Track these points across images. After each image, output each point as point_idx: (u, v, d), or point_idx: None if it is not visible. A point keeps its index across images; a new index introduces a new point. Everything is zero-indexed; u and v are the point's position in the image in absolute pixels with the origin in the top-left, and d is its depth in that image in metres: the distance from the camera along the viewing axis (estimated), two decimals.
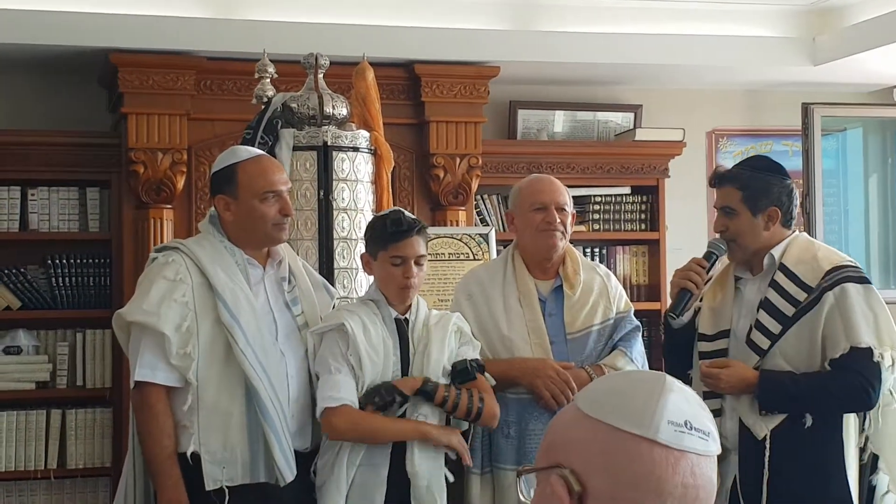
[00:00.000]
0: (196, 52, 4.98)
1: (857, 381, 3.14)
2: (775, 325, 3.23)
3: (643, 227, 5.80)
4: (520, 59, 5.29)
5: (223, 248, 3.28)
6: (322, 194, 3.69)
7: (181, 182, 4.98)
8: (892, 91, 6.12)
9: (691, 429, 1.34)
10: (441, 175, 5.23)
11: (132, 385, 3.19)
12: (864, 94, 6.21)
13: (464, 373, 3.27)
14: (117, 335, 3.31)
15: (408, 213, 3.36)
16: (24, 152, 5.01)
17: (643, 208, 5.80)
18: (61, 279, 5.09)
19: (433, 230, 4.37)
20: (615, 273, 4.91)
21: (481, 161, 5.29)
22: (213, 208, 3.36)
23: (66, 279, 5.10)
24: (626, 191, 5.79)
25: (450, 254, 4.77)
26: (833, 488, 3.19)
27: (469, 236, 4.91)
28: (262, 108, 3.86)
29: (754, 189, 3.28)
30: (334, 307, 3.45)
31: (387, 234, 3.25)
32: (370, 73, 3.95)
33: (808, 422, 3.18)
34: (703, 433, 1.35)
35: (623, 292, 3.64)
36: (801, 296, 3.22)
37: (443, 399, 3.21)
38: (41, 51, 4.95)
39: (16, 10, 4.74)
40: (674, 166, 5.77)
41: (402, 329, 3.29)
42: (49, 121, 5.27)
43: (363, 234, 3.45)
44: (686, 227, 5.79)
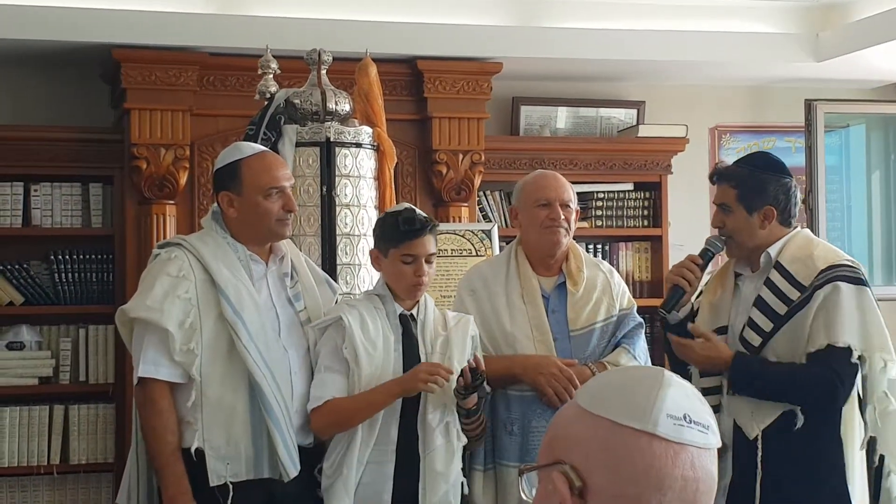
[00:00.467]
0: (199, 48, 4.98)
1: (827, 374, 3.12)
2: (767, 324, 3.23)
3: (646, 223, 5.80)
4: (522, 55, 5.28)
5: (226, 244, 3.29)
6: (325, 190, 3.69)
7: (184, 178, 4.98)
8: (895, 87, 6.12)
9: (690, 422, 1.35)
10: (444, 171, 5.23)
11: (135, 381, 3.20)
12: (868, 91, 6.20)
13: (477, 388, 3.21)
14: (120, 331, 3.31)
15: (419, 211, 3.35)
16: (27, 148, 5.01)
17: (646, 205, 5.79)
18: (64, 275, 5.09)
19: None
20: (618, 269, 4.90)
21: (484, 157, 5.29)
22: (216, 204, 3.36)
23: (69, 275, 5.10)
24: (629, 187, 5.79)
25: (452, 250, 4.76)
26: (827, 489, 3.17)
27: (472, 232, 4.91)
28: (265, 104, 3.86)
29: (749, 188, 3.28)
30: (337, 303, 3.45)
31: (399, 232, 3.23)
32: (373, 69, 3.95)
33: (800, 422, 3.16)
34: (703, 426, 1.36)
35: (626, 289, 3.64)
36: (794, 294, 3.20)
37: (475, 407, 3.21)
38: (44, 46, 4.95)
39: (18, 6, 4.74)
40: (676, 163, 5.76)
41: (406, 325, 3.29)
42: (52, 116, 5.27)
43: (373, 230, 3.45)
44: (688, 224, 5.78)
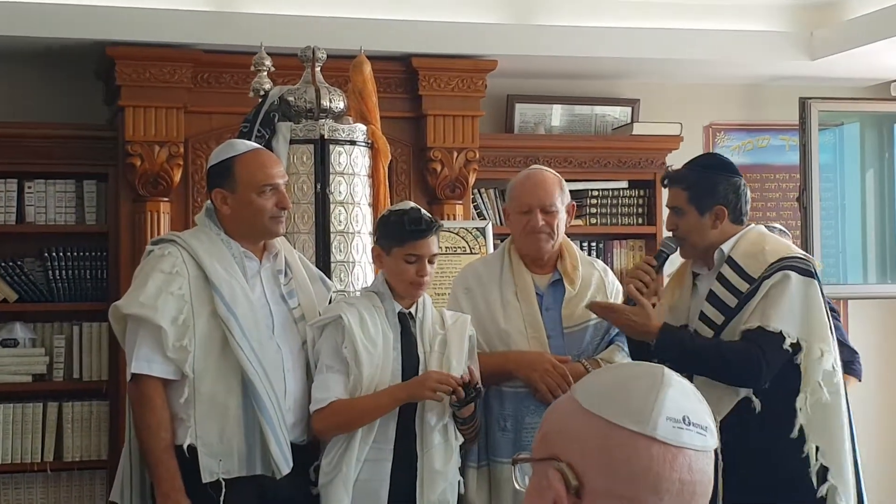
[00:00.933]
0: (193, 45, 4.97)
1: (753, 352, 3.17)
2: (718, 317, 3.28)
3: (640, 221, 5.79)
4: (517, 52, 5.28)
5: (219, 240, 3.28)
6: (319, 188, 3.69)
7: (178, 175, 4.97)
8: (890, 86, 6.11)
9: (689, 424, 1.33)
10: (438, 169, 5.22)
11: (129, 377, 3.20)
12: (862, 89, 6.21)
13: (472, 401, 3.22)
14: (114, 328, 3.31)
15: (425, 211, 3.35)
16: (21, 145, 5.00)
17: (640, 202, 5.79)
18: (58, 272, 5.08)
19: None
20: (612, 267, 4.91)
21: (478, 155, 5.29)
22: (210, 202, 3.35)
23: (63, 272, 5.09)
24: (624, 185, 5.79)
25: (447, 247, 4.76)
26: (784, 473, 3.21)
27: (466, 230, 4.91)
28: (259, 101, 3.85)
29: (700, 189, 3.34)
30: (331, 300, 3.45)
31: (405, 231, 3.23)
32: (367, 67, 3.95)
33: (758, 407, 3.19)
34: (701, 428, 1.34)
35: (620, 287, 3.63)
36: (743, 287, 3.26)
37: (470, 415, 3.21)
38: (37, 43, 4.94)
39: (11, 2, 4.72)
40: (671, 161, 5.75)
41: (405, 323, 3.29)
42: (45, 113, 5.26)
43: (375, 226, 3.44)
44: None
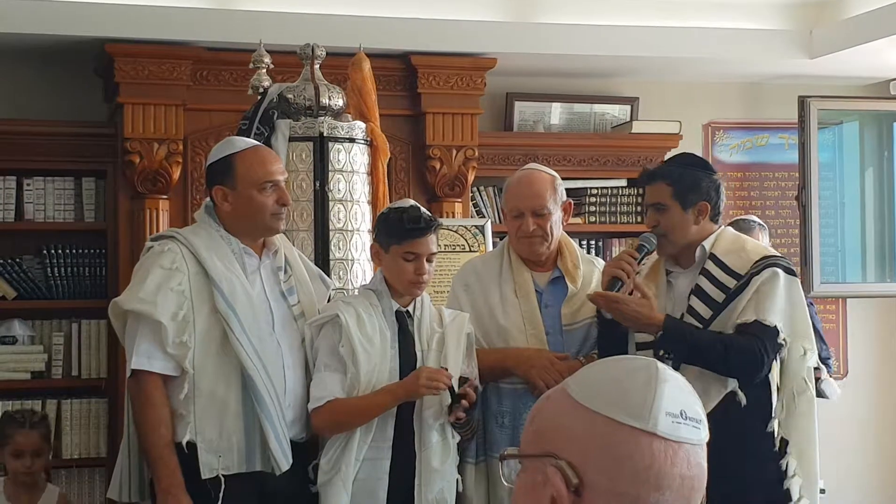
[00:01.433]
0: (192, 43, 4.96)
1: (755, 344, 3.21)
2: (706, 311, 3.31)
3: (639, 219, 5.77)
4: (516, 50, 5.28)
5: (219, 237, 3.29)
6: (318, 185, 3.69)
7: (177, 172, 4.97)
8: (889, 84, 6.11)
9: (686, 418, 1.33)
10: (437, 167, 5.22)
11: (128, 373, 3.20)
12: (861, 88, 6.21)
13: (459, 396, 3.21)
14: (113, 324, 3.31)
15: (424, 209, 3.35)
16: (20, 142, 4.99)
17: (639, 201, 5.77)
18: (57, 269, 5.08)
19: None
20: None
21: (477, 153, 5.28)
22: (209, 198, 3.35)
23: (62, 269, 5.08)
24: (623, 183, 5.78)
25: (446, 245, 4.75)
26: (760, 468, 3.24)
27: (465, 228, 4.91)
28: (259, 98, 3.85)
29: (684, 184, 3.37)
30: (330, 298, 3.45)
31: (404, 229, 3.23)
32: (366, 64, 3.95)
33: (743, 400, 3.22)
34: (696, 421, 1.35)
35: None
36: (730, 283, 3.30)
37: (467, 419, 3.20)
38: (37, 40, 4.93)
39: (11, 0, 4.72)
40: None
41: (402, 322, 3.29)
42: (45, 111, 5.25)
43: (375, 224, 3.44)
44: None
